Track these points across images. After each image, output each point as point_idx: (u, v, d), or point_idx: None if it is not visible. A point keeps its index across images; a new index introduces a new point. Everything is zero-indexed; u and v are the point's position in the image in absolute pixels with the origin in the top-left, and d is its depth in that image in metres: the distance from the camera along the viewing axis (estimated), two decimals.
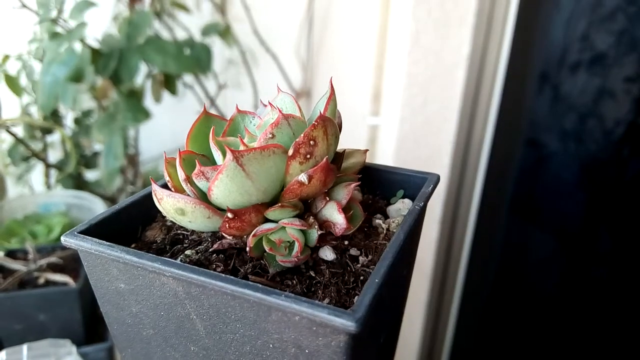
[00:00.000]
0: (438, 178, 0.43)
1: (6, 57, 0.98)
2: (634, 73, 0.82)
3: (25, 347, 0.54)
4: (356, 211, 0.38)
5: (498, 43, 0.93)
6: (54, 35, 0.79)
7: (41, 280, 0.66)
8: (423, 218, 0.43)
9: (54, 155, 1.20)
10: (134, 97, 0.89)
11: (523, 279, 1.10)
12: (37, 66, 0.99)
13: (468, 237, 1.11)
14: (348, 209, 0.36)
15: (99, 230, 0.36)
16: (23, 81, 0.99)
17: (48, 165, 1.11)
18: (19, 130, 1.08)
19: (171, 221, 0.41)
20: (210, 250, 0.36)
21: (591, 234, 0.96)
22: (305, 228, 0.34)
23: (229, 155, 0.30)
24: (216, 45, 1.08)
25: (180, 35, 1.12)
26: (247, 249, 0.34)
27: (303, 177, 0.32)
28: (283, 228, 0.34)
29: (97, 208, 0.95)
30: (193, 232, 0.40)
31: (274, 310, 0.28)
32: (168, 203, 0.33)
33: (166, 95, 1.05)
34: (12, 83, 0.92)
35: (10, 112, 1.08)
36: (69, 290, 0.65)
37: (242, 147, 0.34)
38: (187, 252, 0.36)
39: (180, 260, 0.35)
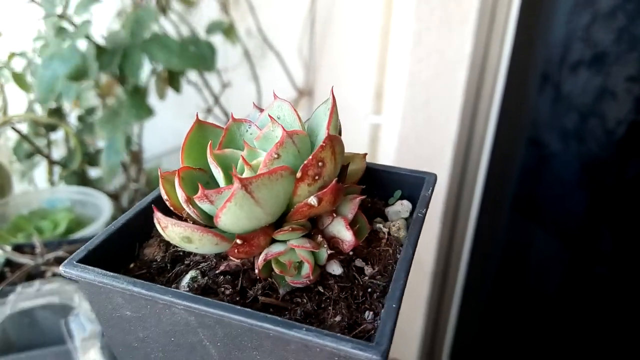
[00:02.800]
0: (435, 178, 0.42)
1: (12, 55, 0.99)
2: (635, 72, 0.83)
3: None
4: (362, 224, 0.37)
5: (500, 42, 0.94)
6: (60, 31, 0.80)
7: (48, 274, 0.67)
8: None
9: (58, 153, 1.21)
10: (138, 94, 0.90)
11: (524, 277, 1.11)
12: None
13: (469, 235, 1.12)
14: (354, 222, 0.36)
15: (98, 255, 0.35)
16: (28, 78, 1.00)
17: (52, 162, 1.12)
18: (24, 127, 1.09)
19: None
20: (217, 272, 0.36)
21: (593, 233, 0.97)
22: (315, 250, 0.34)
23: (237, 184, 0.29)
24: (221, 42, 1.09)
25: (185, 32, 1.13)
26: (256, 270, 0.34)
27: (313, 200, 0.32)
28: (292, 249, 0.34)
29: (103, 204, 0.96)
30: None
31: (293, 342, 0.28)
32: (174, 232, 0.32)
33: (170, 93, 1.06)
34: (20, 80, 0.93)
35: (15, 110, 1.09)
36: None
37: (246, 169, 0.33)
38: (192, 273, 0.36)
39: (188, 285, 0.35)
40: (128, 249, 0.39)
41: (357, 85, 1.04)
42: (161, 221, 0.32)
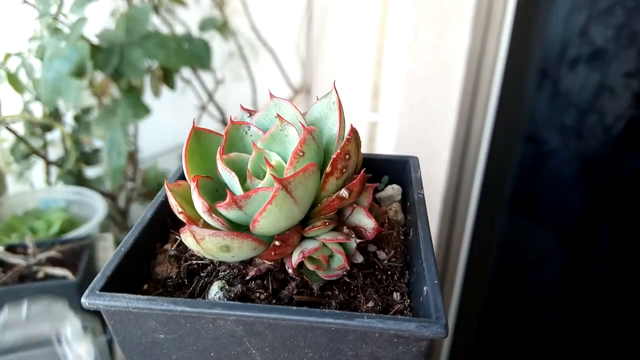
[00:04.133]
0: (418, 160, 0.45)
1: (8, 56, 0.98)
2: (633, 68, 0.82)
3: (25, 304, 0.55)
4: (377, 211, 0.38)
5: (497, 39, 0.93)
6: (55, 31, 0.79)
7: (40, 274, 0.67)
8: None
9: (54, 153, 1.20)
10: (134, 92, 0.89)
11: (522, 274, 1.10)
12: (37, 64, 1.00)
13: (467, 232, 1.11)
14: (370, 210, 0.37)
15: (116, 280, 0.33)
16: (23, 78, 1.00)
17: (48, 163, 1.12)
18: (20, 128, 1.08)
19: (175, 251, 0.39)
20: (247, 278, 0.35)
21: (591, 229, 0.96)
22: (348, 241, 0.34)
23: (276, 184, 0.29)
24: (214, 39, 1.08)
25: (178, 30, 1.12)
26: (290, 270, 0.34)
27: (344, 193, 0.33)
28: (323, 244, 0.34)
29: (97, 204, 0.96)
30: (209, 260, 0.38)
31: (352, 332, 0.28)
32: (212, 242, 0.31)
33: (165, 91, 1.05)
34: (15, 81, 0.92)
35: (10, 110, 1.08)
36: (68, 283, 0.65)
37: (268, 170, 0.33)
38: (218, 283, 0.35)
39: (224, 296, 0.34)
40: (137, 269, 0.37)
41: (354, 83, 1.04)
42: (196, 234, 0.31)
